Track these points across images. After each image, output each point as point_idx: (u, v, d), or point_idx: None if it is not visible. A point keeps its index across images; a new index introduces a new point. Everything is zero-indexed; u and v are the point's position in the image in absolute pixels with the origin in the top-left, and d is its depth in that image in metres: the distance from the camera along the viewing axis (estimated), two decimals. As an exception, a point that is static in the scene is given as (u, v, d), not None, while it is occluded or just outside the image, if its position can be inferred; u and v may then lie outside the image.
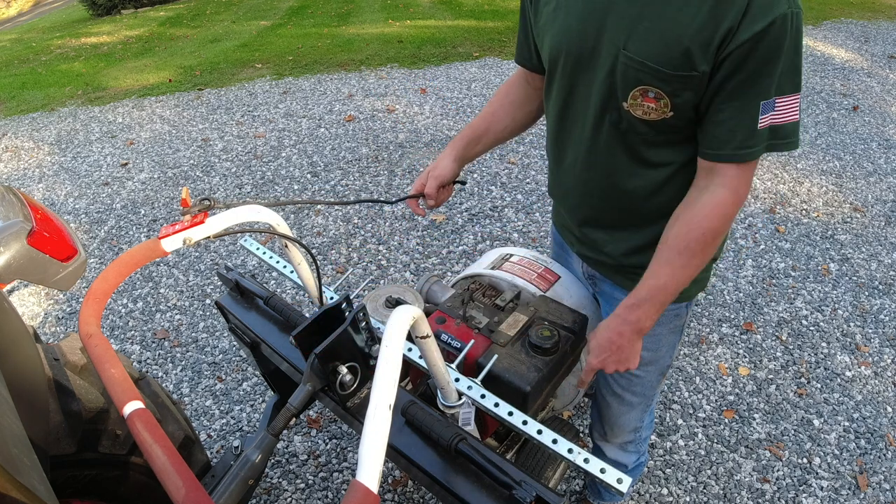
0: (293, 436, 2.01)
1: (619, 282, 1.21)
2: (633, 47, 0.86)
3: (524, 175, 3.46)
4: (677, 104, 0.88)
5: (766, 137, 0.87)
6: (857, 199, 3.23)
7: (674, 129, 0.93)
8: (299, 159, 3.74)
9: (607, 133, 0.99)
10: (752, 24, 0.77)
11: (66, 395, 1.01)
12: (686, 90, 0.86)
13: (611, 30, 0.89)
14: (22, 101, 5.27)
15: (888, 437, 1.97)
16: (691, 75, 0.84)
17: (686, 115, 0.90)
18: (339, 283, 1.31)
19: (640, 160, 0.99)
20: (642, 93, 0.89)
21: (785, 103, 0.85)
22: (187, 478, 0.56)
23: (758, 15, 0.77)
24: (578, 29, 0.93)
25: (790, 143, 0.88)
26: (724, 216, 0.93)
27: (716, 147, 0.90)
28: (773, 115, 0.85)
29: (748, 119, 0.85)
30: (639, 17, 0.85)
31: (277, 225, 0.98)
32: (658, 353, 1.26)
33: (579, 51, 0.95)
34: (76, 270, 1.12)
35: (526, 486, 0.77)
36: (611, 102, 0.94)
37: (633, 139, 0.97)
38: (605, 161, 1.03)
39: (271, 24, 7.40)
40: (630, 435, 1.47)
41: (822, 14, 6.32)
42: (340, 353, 0.88)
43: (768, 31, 0.77)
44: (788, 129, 0.87)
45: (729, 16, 0.78)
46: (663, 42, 0.83)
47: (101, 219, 3.31)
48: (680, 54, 0.83)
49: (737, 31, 0.78)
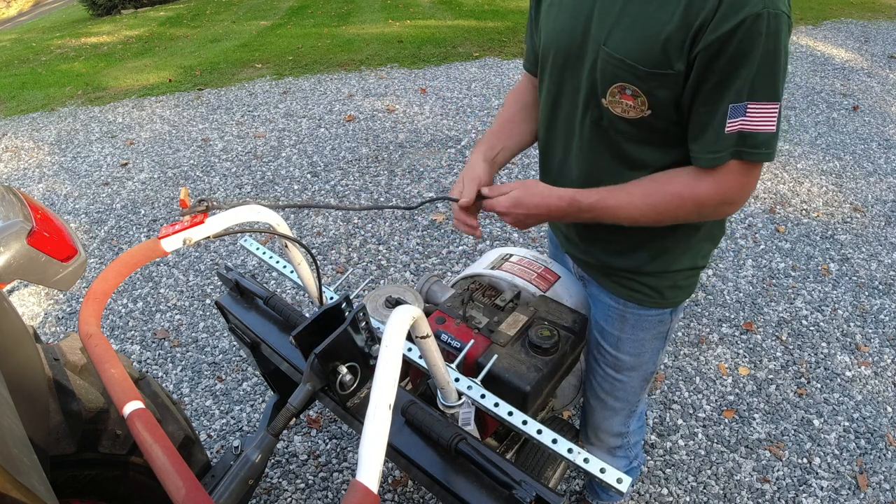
0: (293, 436, 2.01)
1: (605, 285, 1.20)
2: (613, 44, 0.86)
3: (524, 175, 3.46)
4: (654, 103, 0.88)
5: (734, 143, 0.84)
6: (857, 199, 3.23)
7: (654, 129, 0.92)
8: (299, 159, 3.74)
9: (590, 130, 0.99)
10: (721, 23, 0.76)
11: (66, 395, 1.01)
12: (662, 88, 0.85)
13: (595, 26, 0.89)
14: (22, 101, 5.27)
15: (888, 437, 1.97)
16: (667, 73, 0.83)
17: (665, 114, 0.89)
18: (339, 283, 1.31)
19: (623, 160, 0.99)
20: (620, 89, 0.89)
21: (758, 110, 0.81)
22: (187, 478, 0.56)
23: (728, 13, 0.76)
24: (569, 25, 0.94)
25: (761, 153, 0.84)
26: (695, 202, 0.92)
27: (692, 150, 0.90)
28: (744, 120, 0.82)
29: (716, 122, 0.84)
30: (620, 14, 0.86)
31: (277, 225, 0.98)
32: (641, 358, 1.26)
33: (568, 47, 0.95)
34: (76, 270, 1.12)
35: (526, 486, 0.77)
36: (592, 99, 0.95)
37: (614, 137, 0.97)
38: (589, 159, 1.03)
39: (271, 24, 7.40)
40: (616, 440, 1.46)
41: (822, 14, 6.32)
42: (340, 353, 0.88)
43: (737, 30, 0.76)
44: (761, 139, 0.83)
45: (702, 14, 0.77)
46: (641, 40, 0.84)
47: (101, 219, 3.31)
48: (656, 52, 0.83)
49: (707, 29, 0.78)
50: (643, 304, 1.17)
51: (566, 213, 1.01)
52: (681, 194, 0.92)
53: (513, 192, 1.04)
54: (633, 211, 0.96)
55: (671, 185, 0.93)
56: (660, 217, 0.96)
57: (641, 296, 1.15)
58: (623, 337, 1.23)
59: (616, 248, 1.13)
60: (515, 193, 1.04)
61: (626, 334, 1.22)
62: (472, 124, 4.10)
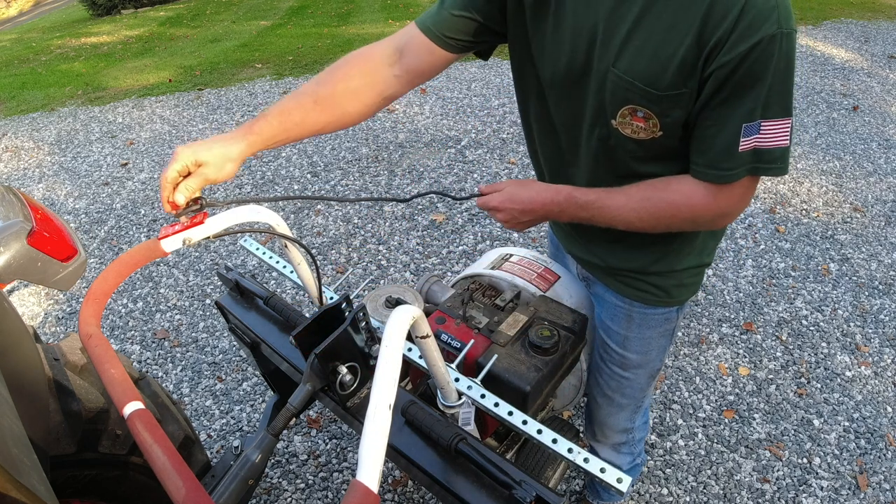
0: (293, 436, 2.01)
1: (610, 284, 1.20)
2: (623, 66, 0.84)
3: (524, 175, 3.46)
4: (667, 123, 0.86)
5: (749, 160, 0.84)
6: (857, 199, 3.23)
7: (664, 148, 0.91)
8: (299, 159, 3.74)
9: (596, 148, 0.97)
10: (737, 44, 0.76)
11: (66, 395, 1.01)
12: (675, 108, 0.84)
13: (600, 47, 0.86)
14: (22, 101, 5.27)
15: (888, 437, 1.97)
16: (681, 93, 0.82)
17: (676, 133, 0.88)
18: (339, 284, 1.31)
19: (626, 175, 0.98)
20: (631, 111, 0.87)
21: (772, 127, 0.82)
22: (187, 478, 0.56)
23: (745, 34, 0.75)
24: (570, 44, 0.91)
25: (777, 168, 0.85)
26: (692, 213, 0.91)
27: (694, 164, 0.89)
28: (758, 137, 0.82)
29: (728, 140, 0.83)
30: (629, 35, 0.83)
31: (277, 225, 0.98)
32: (648, 356, 1.26)
33: (568, 66, 0.92)
34: (76, 270, 1.12)
35: (526, 486, 0.77)
36: (600, 119, 0.93)
37: (621, 155, 0.95)
38: (592, 172, 1.01)
39: (271, 24, 7.40)
40: (621, 436, 1.46)
41: (822, 14, 6.32)
42: (340, 353, 0.88)
43: (753, 50, 0.75)
44: (776, 154, 0.84)
45: (716, 34, 0.76)
46: (653, 62, 0.82)
47: (101, 219, 3.31)
48: (669, 74, 0.81)
49: (722, 49, 0.76)
50: (649, 304, 1.17)
51: (562, 208, 1.00)
52: (676, 204, 0.92)
53: (507, 188, 1.03)
54: (628, 214, 0.95)
55: (669, 194, 0.92)
56: (655, 223, 0.95)
57: (648, 295, 1.15)
58: (630, 336, 1.23)
59: (620, 249, 1.12)
60: (510, 189, 1.03)
61: (632, 333, 1.22)
62: (472, 124, 4.10)
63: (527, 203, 1.01)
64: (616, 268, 1.15)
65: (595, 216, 0.98)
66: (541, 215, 1.03)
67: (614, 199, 0.96)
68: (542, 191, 1.01)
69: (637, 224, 0.96)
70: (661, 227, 0.97)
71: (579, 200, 0.98)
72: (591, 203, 0.97)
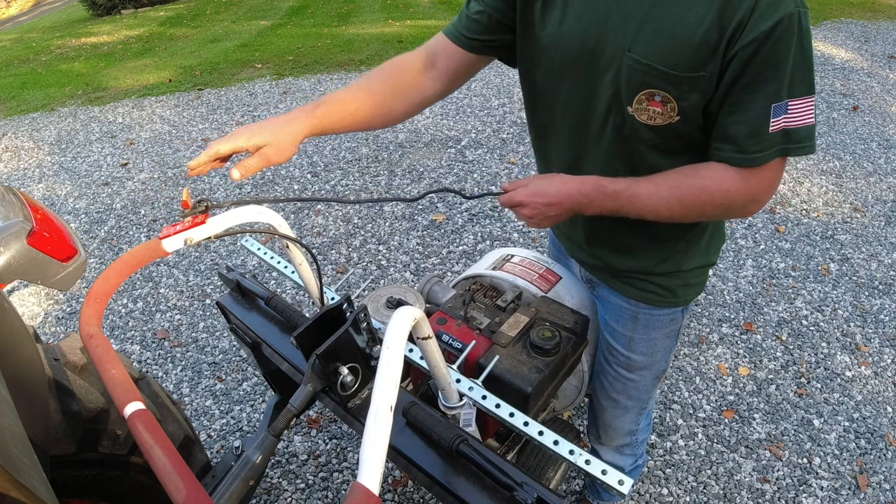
0: (293, 436, 2.01)
1: (615, 286, 1.19)
2: (640, 50, 0.84)
3: (524, 175, 3.46)
4: (684, 107, 0.86)
5: (779, 141, 0.84)
6: (857, 199, 3.23)
7: (679, 136, 0.90)
8: (299, 159, 3.74)
9: (610, 138, 0.96)
10: (758, 24, 0.76)
11: (66, 395, 1.00)
12: (694, 92, 0.84)
13: (613, 32, 0.86)
14: (22, 101, 5.27)
15: (888, 437, 1.97)
16: (699, 76, 0.82)
17: (694, 119, 0.87)
18: (340, 284, 1.31)
19: (639, 168, 0.96)
20: (648, 96, 0.86)
21: (798, 106, 0.82)
22: (188, 478, 0.56)
23: (765, 14, 0.76)
24: (580, 30, 0.90)
25: (805, 147, 0.85)
26: (724, 196, 0.90)
27: (722, 150, 0.88)
28: (787, 118, 0.82)
29: (758, 122, 0.83)
30: (645, 18, 0.83)
31: (278, 225, 0.98)
32: (654, 357, 1.25)
33: (579, 53, 0.91)
34: (76, 270, 1.12)
35: (527, 488, 0.77)
36: (615, 106, 0.91)
37: (635, 145, 0.94)
38: (604, 167, 1.00)
39: (271, 24, 7.40)
40: (626, 438, 1.46)
41: (822, 14, 6.32)
42: (341, 354, 0.88)
43: (775, 30, 0.76)
44: (803, 133, 0.84)
45: (737, 15, 0.77)
46: (672, 44, 0.81)
47: (101, 219, 3.30)
48: (688, 56, 0.81)
49: (744, 30, 0.77)
50: (655, 304, 1.16)
51: (590, 198, 0.97)
52: (709, 189, 0.90)
53: (532, 182, 1.02)
54: (658, 202, 0.93)
55: (700, 180, 0.91)
56: (685, 211, 0.93)
57: (653, 296, 1.15)
58: (635, 337, 1.22)
59: (625, 250, 1.12)
60: (536, 182, 1.01)
61: (638, 334, 1.22)
62: (472, 124, 4.10)
63: (553, 196, 0.99)
64: (621, 269, 1.15)
65: (624, 205, 0.95)
66: (567, 207, 0.99)
67: (643, 187, 0.94)
68: (567, 181, 0.99)
69: (666, 213, 0.94)
70: (692, 216, 0.95)
71: (608, 189, 0.95)
72: (621, 192, 0.95)
